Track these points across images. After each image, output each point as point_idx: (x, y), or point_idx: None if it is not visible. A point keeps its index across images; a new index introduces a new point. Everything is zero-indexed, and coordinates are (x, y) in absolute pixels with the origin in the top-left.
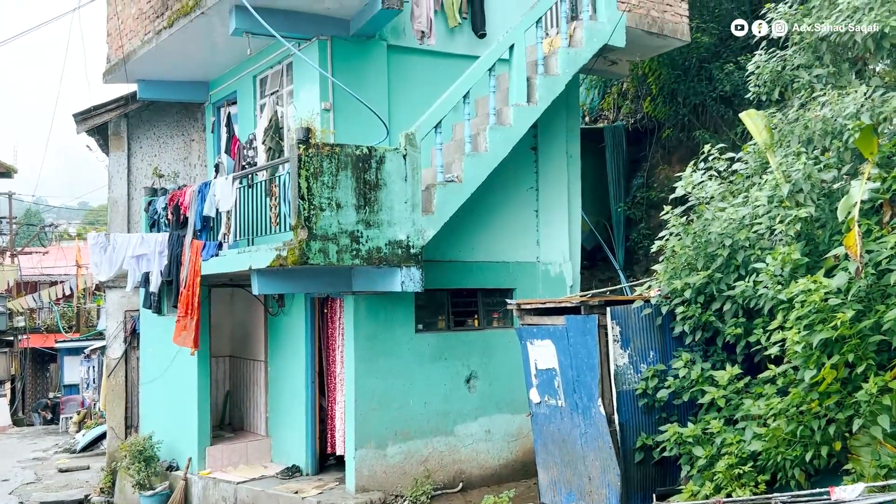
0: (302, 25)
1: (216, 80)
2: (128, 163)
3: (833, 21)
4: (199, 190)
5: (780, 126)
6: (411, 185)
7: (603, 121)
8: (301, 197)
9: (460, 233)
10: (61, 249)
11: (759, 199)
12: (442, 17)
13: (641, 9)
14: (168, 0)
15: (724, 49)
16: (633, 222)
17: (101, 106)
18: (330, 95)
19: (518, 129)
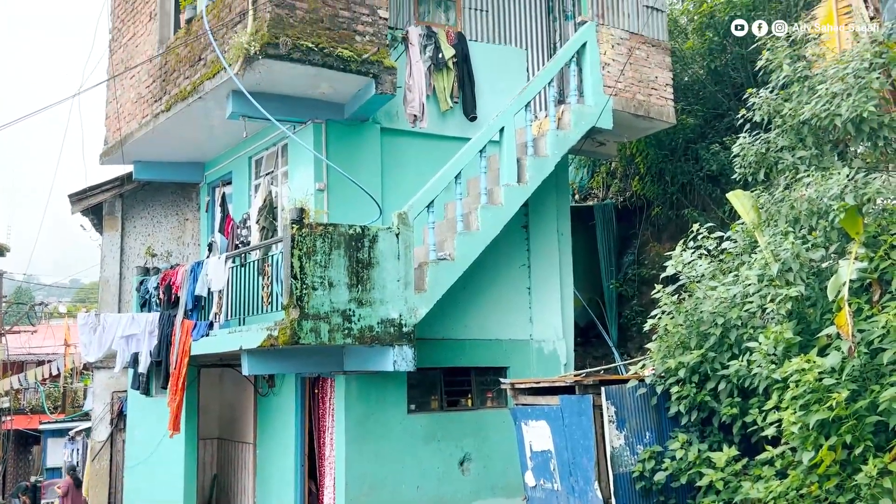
0: (298, 109)
1: (212, 161)
2: (121, 242)
3: (813, 106)
4: (191, 269)
5: (767, 206)
6: (404, 264)
7: (592, 199)
8: (294, 276)
9: (453, 311)
10: (50, 328)
11: (750, 277)
12: (434, 102)
13: (627, 93)
14: (167, 85)
15: (710, 130)
16: (626, 299)
17: (96, 186)
18: (324, 176)
19: (509, 208)
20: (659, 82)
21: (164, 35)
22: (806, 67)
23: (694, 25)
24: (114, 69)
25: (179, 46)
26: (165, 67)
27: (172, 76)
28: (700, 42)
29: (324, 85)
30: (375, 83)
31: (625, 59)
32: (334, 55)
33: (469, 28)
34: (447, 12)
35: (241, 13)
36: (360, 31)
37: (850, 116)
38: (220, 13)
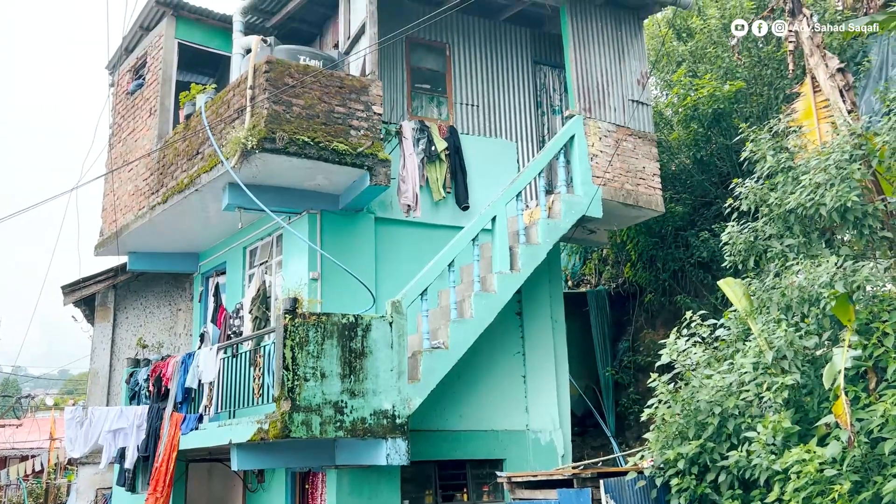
0: (293, 200)
1: (206, 252)
2: (112, 333)
3: (798, 196)
4: (182, 361)
5: (759, 293)
6: (397, 353)
7: (585, 285)
8: (285, 367)
9: (447, 401)
10: (36, 421)
11: (745, 365)
12: (427, 192)
13: (616, 182)
14: (164, 178)
15: (698, 217)
16: (622, 386)
17: (90, 278)
18: (318, 265)
19: (502, 295)
20: (647, 172)
21: (164, 130)
22: (789, 158)
23: (679, 118)
24: (113, 163)
25: (178, 141)
26: (163, 161)
27: (170, 169)
28: (685, 133)
29: (319, 177)
30: (370, 175)
31: (612, 150)
32: (330, 149)
33: (460, 122)
34: (439, 107)
35: (239, 109)
36: (356, 125)
37: (834, 206)
38: (219, 109)
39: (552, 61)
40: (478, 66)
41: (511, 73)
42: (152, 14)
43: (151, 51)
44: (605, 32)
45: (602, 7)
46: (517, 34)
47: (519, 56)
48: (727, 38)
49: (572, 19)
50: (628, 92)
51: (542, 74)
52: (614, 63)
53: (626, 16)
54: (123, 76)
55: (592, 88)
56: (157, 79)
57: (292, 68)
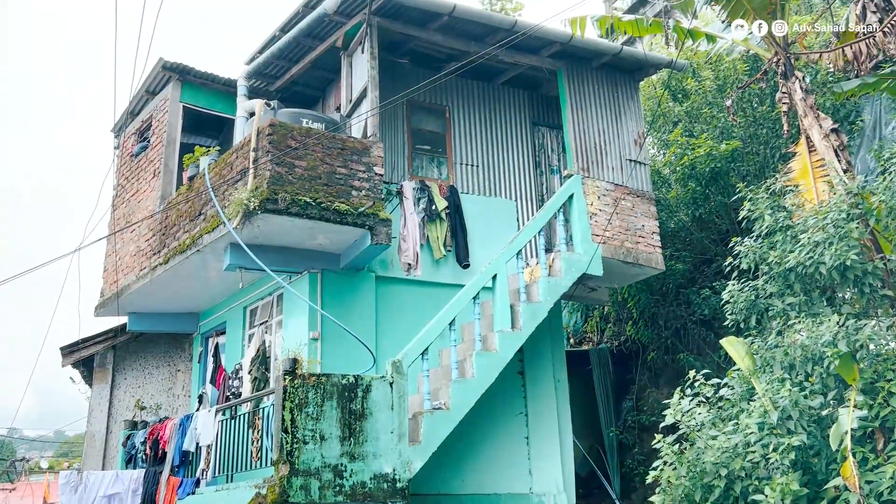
0: (294, 260)
1: (206, 312)
2: (110, 395)
3: (797, 254)
4: (180, 423)
5: (761, 352)
6: (398, 414)
7: (587, 343)
8: (284, 430)
9: (449, 463)
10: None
11: (750, 426)
12: (428, 250)
13: (616, 241)
14: (166, 239)
15: (699, 275)
16: (627, 447)
17: (89, 339)
18: (318, 325)
19: (504, 354)
20: (646, 230)
21: (167, 191)
22: (787, 217)
23: (676, 176)
24: (115, 224)
25: (181, 202)
26: (166, 222)
27: (172, 230)
28: (683, 191)
29: (321, 236)
30: (371, 234)
31: (611, 208)
32: (331, 209)
33: (460, 181)
34: (439, 167)
35: (242, 171)
36: (357, 186)
37: (834, 264)
38: (222, 171)
39: (550, 122)
40: (477, 127)
41: (510, 134)
42: (158, 79)
43: (157, 114)
44: (601, 94)
45: (598, 70)
46: (515, 96)
47: (517, 117)
48: (722, 99)
49: (569, 82)
50: (625, 152)
51: (540, 135)
52: (611, 124)
53: (622, 78)
54: (128, 139)
55: (590, 148)
56: (162, 141)
57: (295, 131)
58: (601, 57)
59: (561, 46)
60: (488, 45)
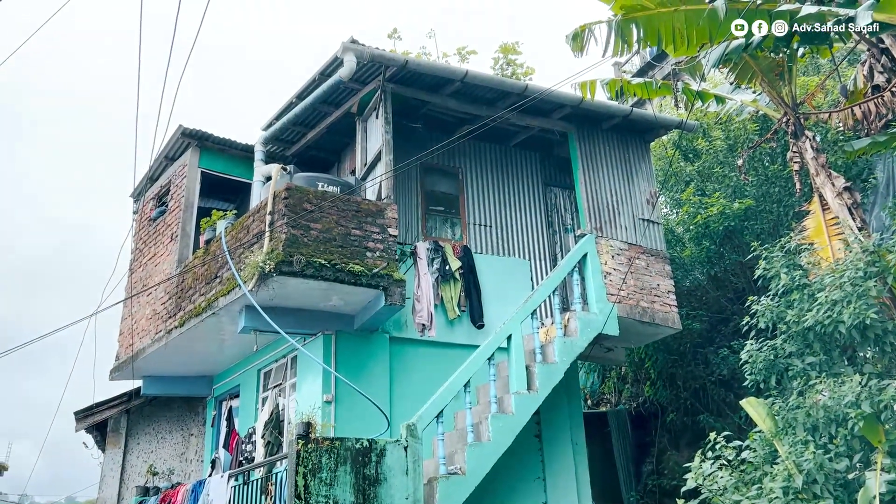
0: (308, 322)
1: (220, 374)
2: (122, 460)
3: (815, 313)
4: (192, 489)
5: (783, 413)
6: (413, 480)
7: (605, 404)
8: (297, 496)
9: None
10: None
11: (774, 490)
12: (442, 311)
13: (631, 300)
14: (182, 301)
15: (716, 334)
16: None
17: (102, 403)
18: (332, 387)
19: (520, 416)
20: (661, 289)
21: (184, 255)
22: (803, 276)
23: (690, 235)
24: (132, 288)
25: (197, 265)
26: (182, 285)
27: (188, 293)
28: (698, 250)
29: (335, 298)
30: (385, 295)
31: (625, 268)
32: (346, 270)
33: (474, 242)
34: (453, 228)
35: (258, 234)
36: (371, 247)
37: (853, 323)
38: (238, 234)
39: (562, 183)
40: (490, 188)
41: (522, 195)
42: (177, 145)
43: (175, 179)
44: (613, 155)
45: (609, 131)
46: (527, 158)
47: (530, 178)
48: (733, 158)
49: (580, 143)
50: (638, 211)
51: (552, 195)
52: (623, 184)
53: (633, 139)
54: (147, 204)
55: (603, 208)
56: (180, 205)
57: (310, 194)
58: (611, 119)
59: (571, 109)
60: (500, 108)
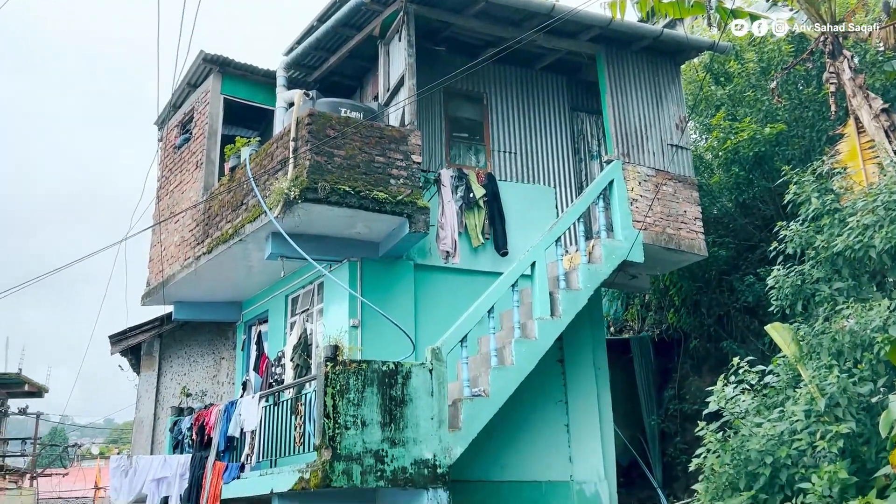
0: (334, 249)
1: (249, 300)
2: (157, 382)
3: (846, 238)
4: (225, 409)
5: (808, 339)
6: (437, 401)
7: (628, 331)
8: (326, 415)
9: (488, 450)
10: (82, 470)
11: (796, 413)
12: (466, 238)
13: (657, 227)
14: (209, 229)
15: (742, 262)
16: (669, 436)
17: (136, 327)
18: (358, 312)
19: (543, 342)
20: (688, 216)
21: (209, 182)
22: (834, 200)
23: (719, 161)
24: (160, 215)
25: (223, 193)
26: (209, 212)
27: (215, 220)
28: (726, 177)
29: (359, 225)
30: (409, 223)
31: (652, 194)
32: (370, 198)
33: (498, 169)
34: (477, 155)
35: (282, 161)
36: (395, 174)
37: (884, 247)
38: (263, 161)
39: (589, 108)
40: (515, 113)
41: (548, 120)
42: (199, 71)
43: (198, 106)
44: (642, 78)
45: (638, 53)
46: (554, 82)
47: (556, 103)
48: (766, 81)
49: (609, 66)
50: (667, 136)
51: (579, 120)
52: (652, 108)
53: (663, 61)
54: (171, 131)
55: (630, 134)
56: (204, 133)
57: (333, 120)
58: (641, 40)
59: (600, 30)
60: (526, 30)
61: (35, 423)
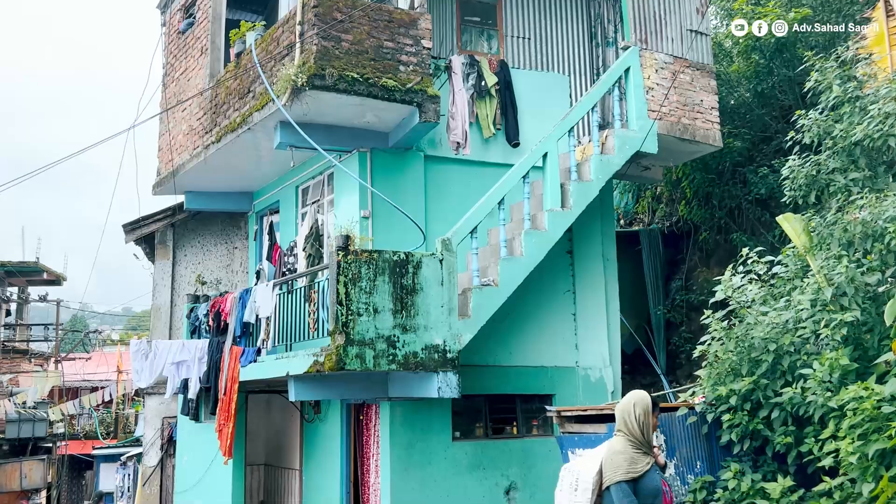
0: (343, 139)
1: (260, 191)
2: (172, 271)
3: (865, 126)
4: (240, 296)
5: (819, 229)
6: (448, 290)
7: (638, 224)
8: (339, 302)
9: (497, 337)
10: (103, 355)
11: (802, 302)
12: (477, 129)
13: (672, 117)
14: (217, 117)
15: (757, 153)
16: (674, 325)
17: (149, 216)
18: (369, 203)
19: (553, 233)
20: (704, 106)
21: (215, 69)
22: (857, 88)
23: (739, 49)
24: (167, 103)
25: (229, 79)
26: (216, 100)
27: (222, 108)
28: (746, 65)
29: (369, 114)
30: (419, 112)
31: (669, 83)
32: (379, 85)
33: (511, 56)
34: (489, 41)
35: (288, 46)
36: (404, 61)
37: None
38: (269, 47)
39: None
40: None
41: (564, 4)
42: None
43: None
44: None
45: None
46: None
47: None
48: None
49: None
50: (687, 21)
51: (596, 5)
52: None
53: None
54: (174, 15)
55: (649, 18)
56: (208, 17)
57: (341, 3)
58: None
59: None
60: None
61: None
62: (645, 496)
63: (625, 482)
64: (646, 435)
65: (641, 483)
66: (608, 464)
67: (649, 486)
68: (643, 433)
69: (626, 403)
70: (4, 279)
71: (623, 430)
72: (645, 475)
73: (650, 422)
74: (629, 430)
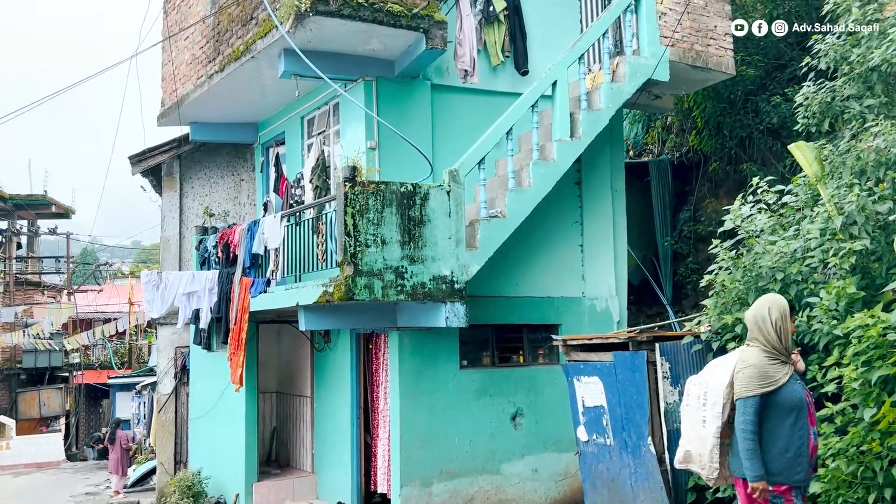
0: (348, 67)
1: (265, 122)
2: (180, 203)
3: (884, 51)
4: (248, 228)
5: (831, 158)
6: (455, 221)
7: (647, 154)
8: (347, 234)
9: (504, 268)
10: (115, 287)
11: (811, 231)
12: (485, 56)
13: (685, 43)
14: (220, 45)
15: (771, 81)
16: (681, 256)
17: (155, 148)
18: (375, 134)
19: (561, 164)
20: (718, 31)
21: None
22: (877, 10)
23: None
24: (168, 31)
25: (231, 5)
26: (218, 28)
27: (225, 36)
28: None
29: (374, 41)
30: (426, 38)
31: (682, 7)
32: (384, 10)
33: None
34: None
35: None
36: None
37: None
38: None
39: None
40: None
41: None
42: None
43: None
44: None
45: None
46: None
47: None
48: None
49: None
50: None
51: None
52: None
53: None
54: None
55: None
56: None
57: None
58: None
59: None
60: None
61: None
62: (787, 408)
63: (752, 398)
64: (784, 342)
65: (780, 395)
66: (739, 377)
67: (791, 396)
68: (781, 340)
69: (760, 309)
70: (13, 212)
71: (758, 339)
72: (784, 386)
73: (788, 327)
74: (765, 339)
